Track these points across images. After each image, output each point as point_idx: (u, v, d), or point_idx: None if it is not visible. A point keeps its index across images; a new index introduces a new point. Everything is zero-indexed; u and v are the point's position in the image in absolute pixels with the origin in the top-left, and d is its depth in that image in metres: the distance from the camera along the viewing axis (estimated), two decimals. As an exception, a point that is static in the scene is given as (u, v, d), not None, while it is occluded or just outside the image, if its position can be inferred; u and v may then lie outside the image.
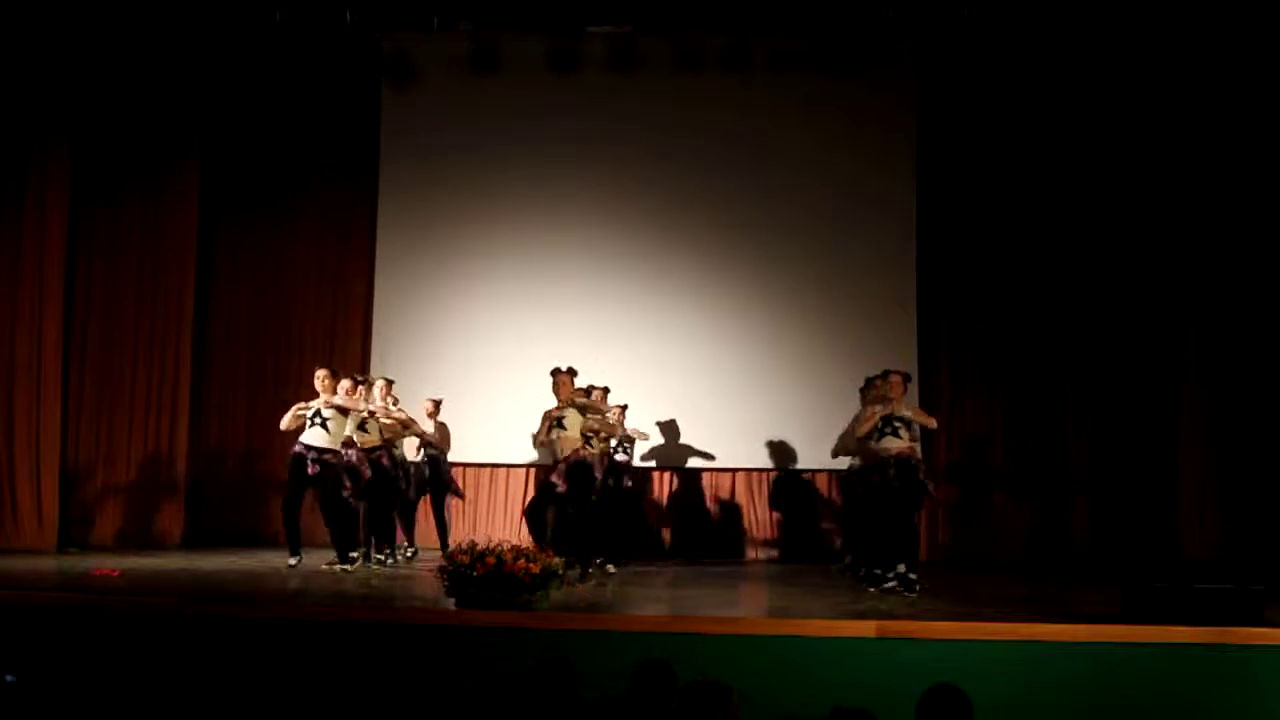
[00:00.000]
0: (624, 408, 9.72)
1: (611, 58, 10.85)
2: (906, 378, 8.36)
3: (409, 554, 9.73)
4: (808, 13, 10.40)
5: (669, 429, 10.76)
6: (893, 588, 7.77)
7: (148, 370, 10.67)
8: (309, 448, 8.64)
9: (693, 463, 10.85)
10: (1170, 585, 6.09)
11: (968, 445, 10.66)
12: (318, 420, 8.66)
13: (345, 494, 8.69)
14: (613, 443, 9.29)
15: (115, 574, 7.96)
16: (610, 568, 8.96)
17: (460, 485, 10.49)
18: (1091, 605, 6.94)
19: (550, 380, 8.66)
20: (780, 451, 10.73)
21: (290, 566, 8.57)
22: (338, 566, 8.61)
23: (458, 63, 10.96)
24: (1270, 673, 5.69)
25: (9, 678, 5.29)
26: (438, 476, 9.99)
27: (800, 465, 10.74)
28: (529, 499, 9.33)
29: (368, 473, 8.82)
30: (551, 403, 8.67)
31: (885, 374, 8.37)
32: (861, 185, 10.81)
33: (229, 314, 11.30)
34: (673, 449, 10.81)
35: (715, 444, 10.78)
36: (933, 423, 8.34)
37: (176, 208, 10.79)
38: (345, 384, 8.83)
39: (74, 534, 10.12)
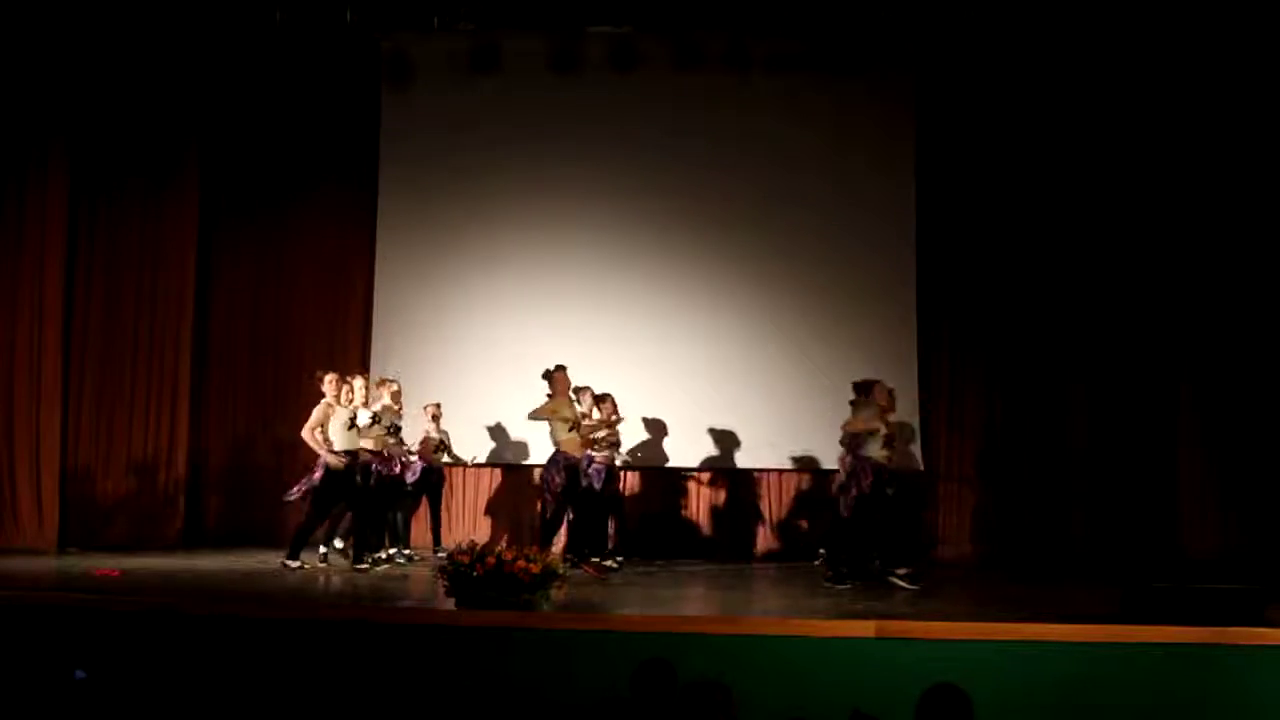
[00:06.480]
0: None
1: (611, 58, 10.84)
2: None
3: (409, 555, 9.75)
4: (807, 13, 10.40)
5: (668, 429, 10.75)
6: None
7: (148, 370, 10.67)
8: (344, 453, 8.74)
9: (692, 463, 10.84)
10: (1170, 585, 6.09)
11: (967, 444, 10.65)
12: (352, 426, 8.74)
13: (370, 486, 8.88)
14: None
15: (115, 574, 7.96)
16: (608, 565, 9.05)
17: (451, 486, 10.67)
18: (1091, 605, 6.94)
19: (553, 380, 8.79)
20: (780, 451, 10.73)
21: (293, 570, 8.56)
22: (333, 561, 8.70)
23: (458, 63, 10.95)
24: (1270, 673, 5.69)
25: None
26: (438, 479, 10.07)
27: (800, 465, 10.74)
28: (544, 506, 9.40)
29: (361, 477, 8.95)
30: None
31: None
32: (861, 185, 10.80)
33: (229, 314, 11.30)
34: (672, 449, 10.80)
35: (715, 444, 10.76)
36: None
37: (176, 208, 10.79)
38: (360, 383, 8.89)
39: (74, 534, 10.11)
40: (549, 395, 9.17)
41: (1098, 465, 10.33)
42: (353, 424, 8.71)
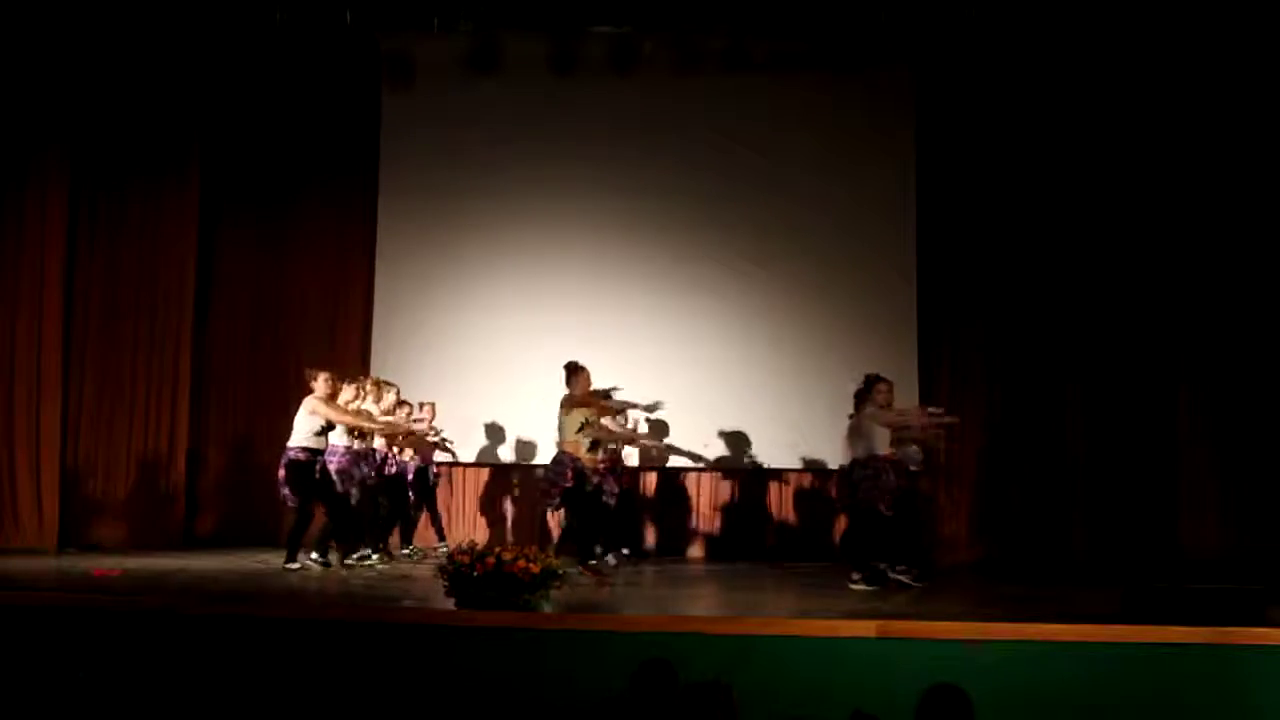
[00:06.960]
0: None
1: (611, 58, 10.84)
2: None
3: (410, 554, 9.76)
4: (807, 13, 10.40)
5: (669, 430, 10.75)
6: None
7: (148, 370, 10.67)
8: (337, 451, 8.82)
9: (692, 462, 10.85)
10: (1170, 585, 6.09)
11: (967, 443, 10.64)
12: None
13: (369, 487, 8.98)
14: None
15: (115, 574, 7.96)
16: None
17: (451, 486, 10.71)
18: (1091, 605, 6.93)
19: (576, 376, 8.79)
20: (781, 451, 10.73)
21: (293, 572, 8.57)
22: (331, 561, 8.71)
23: (458, 63, 10.94)
24: (1270, 673, 5.69)
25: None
26: (432, 480, 10.11)
27: (801, 465, 10.74)
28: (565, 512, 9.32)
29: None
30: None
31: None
32: (861, 184, 10.81)
33: (229, 314, 11.30)
34: (672, 449, 10.80)
35: (715, 444, 10.78)
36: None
37: (177, 208, 10.79)
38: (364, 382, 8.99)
39: (74, 534, 10.12)
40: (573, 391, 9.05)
41: (1098, 465, 10.31)
42: (330, 425, 8.70)
